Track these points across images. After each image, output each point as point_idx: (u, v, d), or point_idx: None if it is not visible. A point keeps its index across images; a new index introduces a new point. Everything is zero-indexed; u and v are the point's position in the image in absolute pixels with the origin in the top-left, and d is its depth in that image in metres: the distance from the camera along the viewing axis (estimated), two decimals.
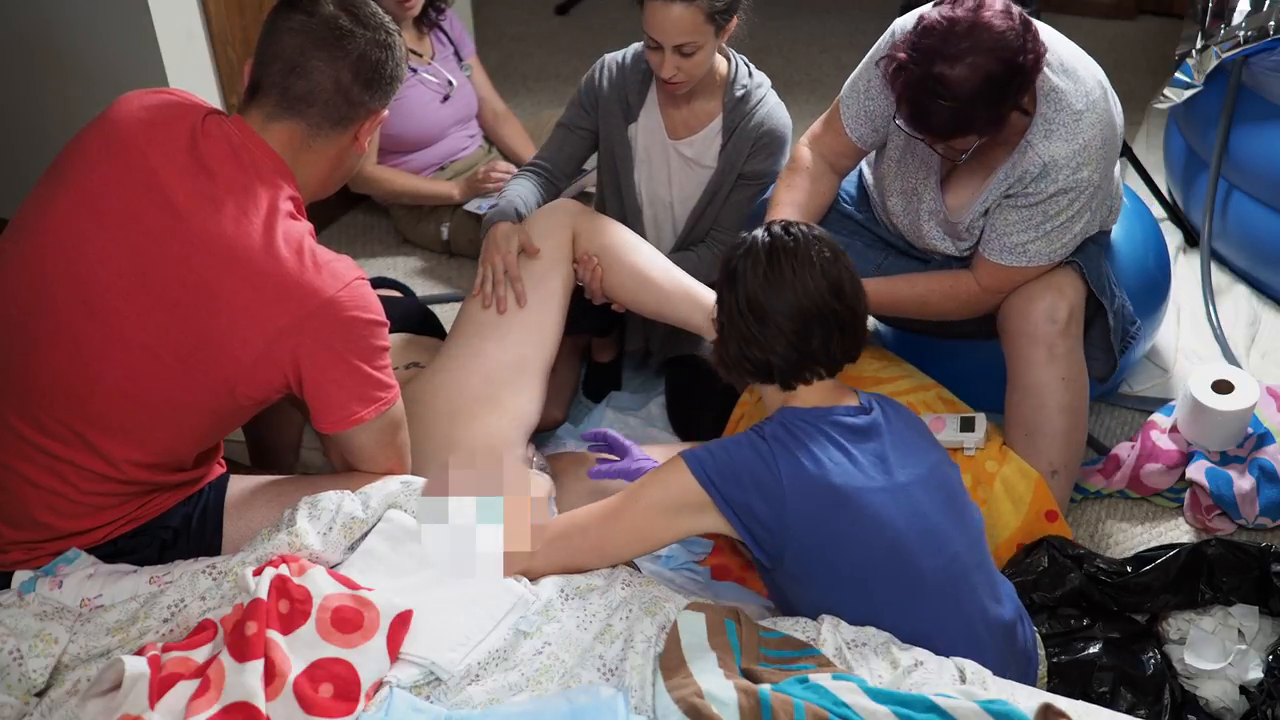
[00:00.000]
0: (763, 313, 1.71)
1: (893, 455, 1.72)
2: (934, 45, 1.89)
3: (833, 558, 1.68)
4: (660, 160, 2.57)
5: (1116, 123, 2.08)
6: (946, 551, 1.72)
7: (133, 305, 1.69)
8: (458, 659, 1.58)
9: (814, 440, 1.68)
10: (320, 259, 1.71)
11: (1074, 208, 2.05)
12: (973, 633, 1.74)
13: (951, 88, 1.87)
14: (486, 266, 2.28)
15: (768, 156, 2.50)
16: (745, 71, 2.50)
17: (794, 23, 4.52)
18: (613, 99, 2.52)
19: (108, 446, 1.74)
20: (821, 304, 1.71)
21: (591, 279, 2.30)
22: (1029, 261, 2.09)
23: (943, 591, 1.72)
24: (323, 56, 1.73)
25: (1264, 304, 2.96)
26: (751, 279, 1.72)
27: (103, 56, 2.81)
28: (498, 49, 4.34)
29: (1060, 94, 2.00)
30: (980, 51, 1.86)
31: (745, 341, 1.73)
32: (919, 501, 1.71)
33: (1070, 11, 4.38)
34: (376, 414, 1.80)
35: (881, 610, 1.71)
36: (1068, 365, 2.14)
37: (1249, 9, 2.88)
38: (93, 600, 1.68)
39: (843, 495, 1.66)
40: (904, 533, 1.68)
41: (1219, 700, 1.94)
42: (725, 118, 2.49)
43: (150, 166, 1.72)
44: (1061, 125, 2.00)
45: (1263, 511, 2.31)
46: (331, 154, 1.81)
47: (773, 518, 1.66)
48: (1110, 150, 2.07)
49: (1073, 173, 2.02)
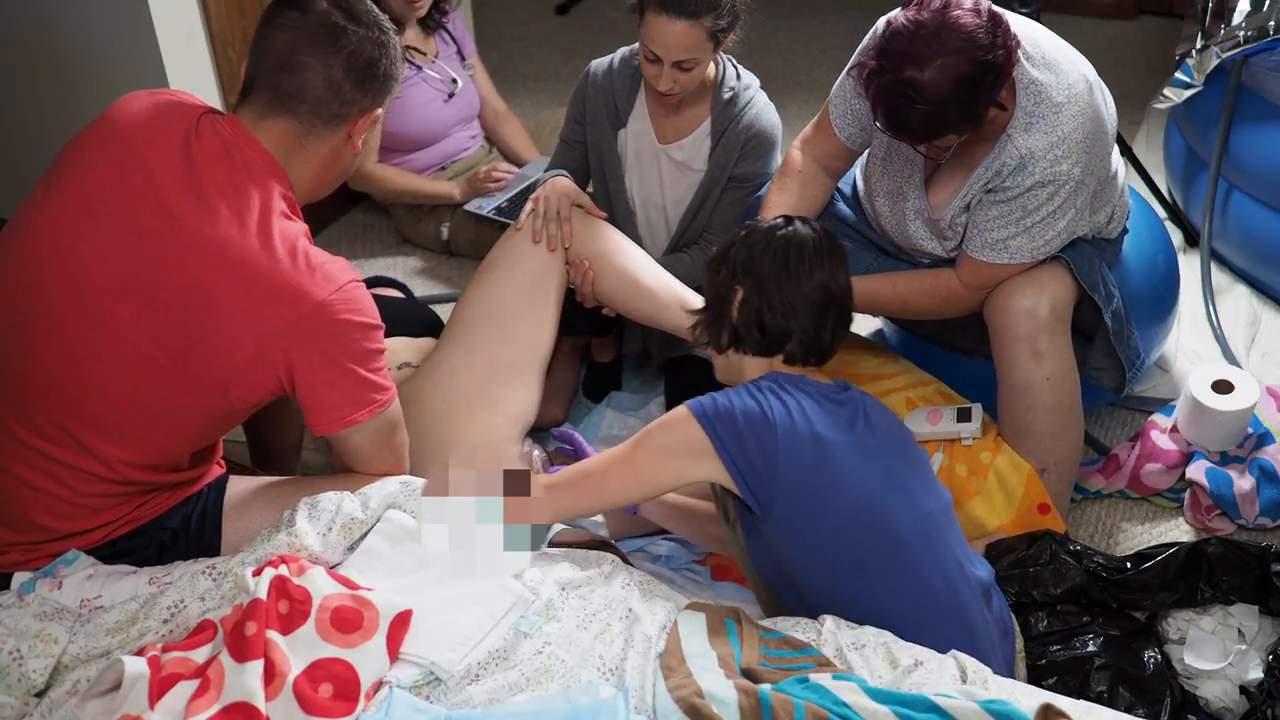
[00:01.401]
0: (796, 285, 1.78)
1: (867, 425, 1.78)
2: (902, 49, 1.89)
3: (817, 508, 1.72)
4: (651, 164, 2.56)
5: (1104, 117, 2.05)
6: (919, 509, 1.77)
7: (127, 306, 1.69)
8: (457, 659, 1.58)
9: (801, 396, 1.75)
10: (314, 261, 1.71)
11: (1055, 202, 2.03)
12: (953, 586, 1.78)
13: (923, 92, 1.87)
14: (539, 203, 2.30)
15: (758, 158, 2.48)
16: (733, 73, 2.49)
17: (794, 23, 4.52)
18: (600, 105, 2.51)
19: (102, 447, 1.74)
20: (842, 295, 1.83)
21: (583, 283, 2.29)
22: (1010, 258, 2.08)
23: (922, 546, 1.77)
24: (314, 53, 1.73)
25: (1264, 304, 2.96)
26: (795, 255, 1.79)
27: (103, 56, 2.81)
28: (498, 49, 4.34)
29: (1040, 86, 1.98)
30: (949, 53, 1.86)
31: (776, 305, 1.78)
32: (891, 462, 1.78)
33: (1070, 11, 4.38)
34: (371, 416, 1.79)
35: (864, 564, 1.74)
36: (1053, 364, 2.12)
37: (1249, 9, 2.88)
38: (92, 601, 1.68)
39: (825, 446, 1.71)
40: (881, 489, 1.74)
41: (1219, 700, 1.94)
42: (714, 121, 2.47)
43: (147, 167, 1.72)
44: (1041, 118, 1.99)
45: (1263, 511, 2.31)
46: (324, 153, 1.81)
47: (765, 464, 1.70)
48: (1095, 145, 2.03)
49: (1051, 165, 2.00)
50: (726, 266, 1.84)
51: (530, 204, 2.35)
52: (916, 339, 2.51)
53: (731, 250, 1.85)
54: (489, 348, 2.19)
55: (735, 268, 1.83)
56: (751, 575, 1.88)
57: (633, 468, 1.77)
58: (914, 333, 2.51)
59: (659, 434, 1.77)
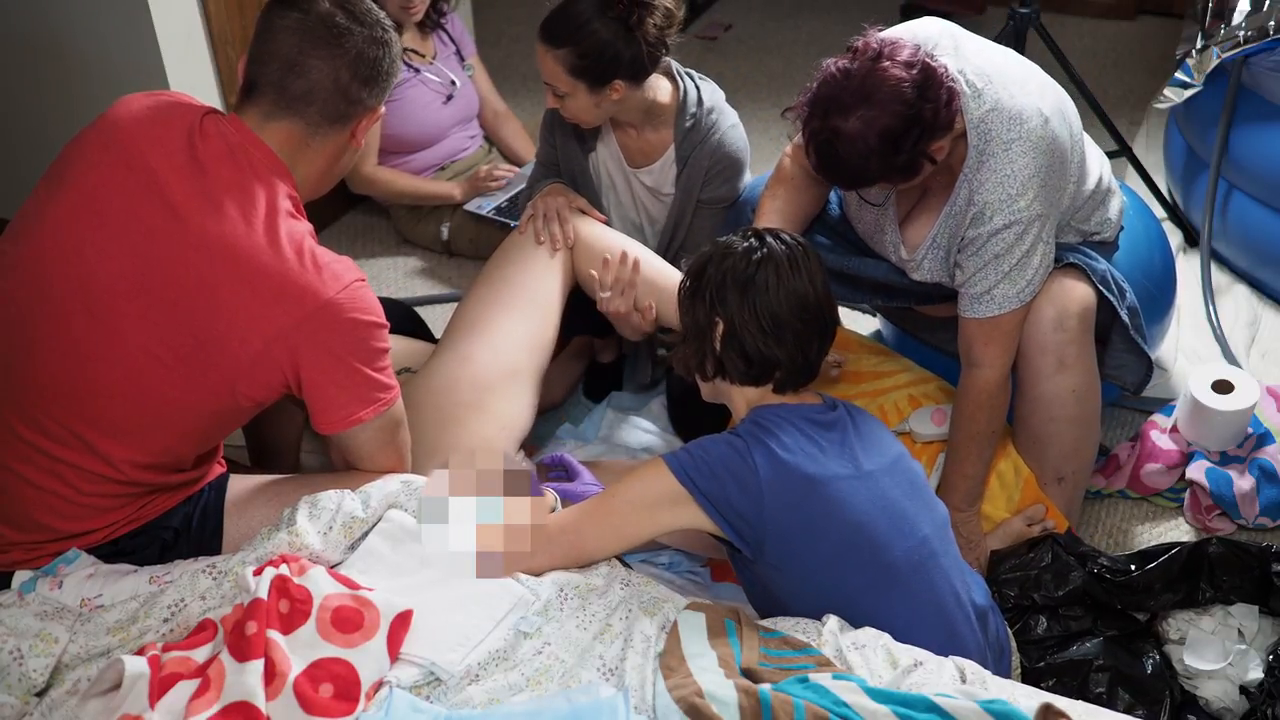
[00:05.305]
0: (777, 315, 1.75)
1: (858, 446, 1.76)
2: (829, 97, 1.90)
3: (809, 545, 1.70)
4: (624, 187, 2.55)
5: (1062, 147, 2.01)
6: (915, 535, 1.75)
7: (132, 306, 1.69)
8: (458, 659, 1.58)
9: (784, 431, 1.72)
10: (320, 260, 1.71)
11: (1025, 242, 2.00)
12: (947, 614, 1.76)
13: (845, 142, 1.88)
14: (538, 205, 2.31)
15: (724, 182, 2.45)
16: (694, 97, 2.42)
17: (794, 23, 4.52)
18: (568, 129, 2.48)
19: (107, 447, 1.74)
20: (823, 304, 1.79)
21: (644, 322, 2.28)
22: (1000, 309, 2.04)
23: (915, 574, 1.75)
24: (320, 55, 1.73)
25: (1264, 304, 2.96)
26: (774, 282, 1.75)
27: (103, 56, 2.81)
28: (498, 49, 4.34)
29: (987, 125, 1.97)
30: (874, 105, 1.86)
31: (758, 337, 1.75)
32: (886, 488, 1.75)
33: (1070, 11, 4.37)
34: (376, 414, 1.80)
35: (857, 595, 1.73)
36: (1079, 376, 2.09)
37: (1249, 9, 2.89)
38: (93, 600, 1.68)
39: (814, 484, 1.69)
40: (874, 519, 1.72)
41: (1219, 700, 1.94)
42: (678, 148, 2.44)
43: (149, 167, 1.72)
44: (991, 155, 1.97)
45: (1263, 511, 2.31)
46: (329, 152, 1.81)
47: (751, 510, 1.68)
48: (1052, 177, 2.00)
49: (1008, 204, 1.98)
50: (701, 297, 1.79)
51: (529, 209, 2.35)
52: (917, 342, 2.51)
53: (705, 276, 1.79)
54: (486, 355, 2.18)
55: (712, 298, 1.78)
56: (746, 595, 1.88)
57: (609, 522, 1.74)
58: (913, 335, 2.51)
59: (634, 487, 1.74)
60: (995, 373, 2.09)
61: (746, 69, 4.25)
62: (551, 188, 2.40)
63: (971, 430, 2.11)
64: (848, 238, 2.32)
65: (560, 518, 1.78)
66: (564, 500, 1.94)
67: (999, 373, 2.09)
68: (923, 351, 2.48)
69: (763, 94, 4.06)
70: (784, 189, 2.26)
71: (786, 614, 1.76)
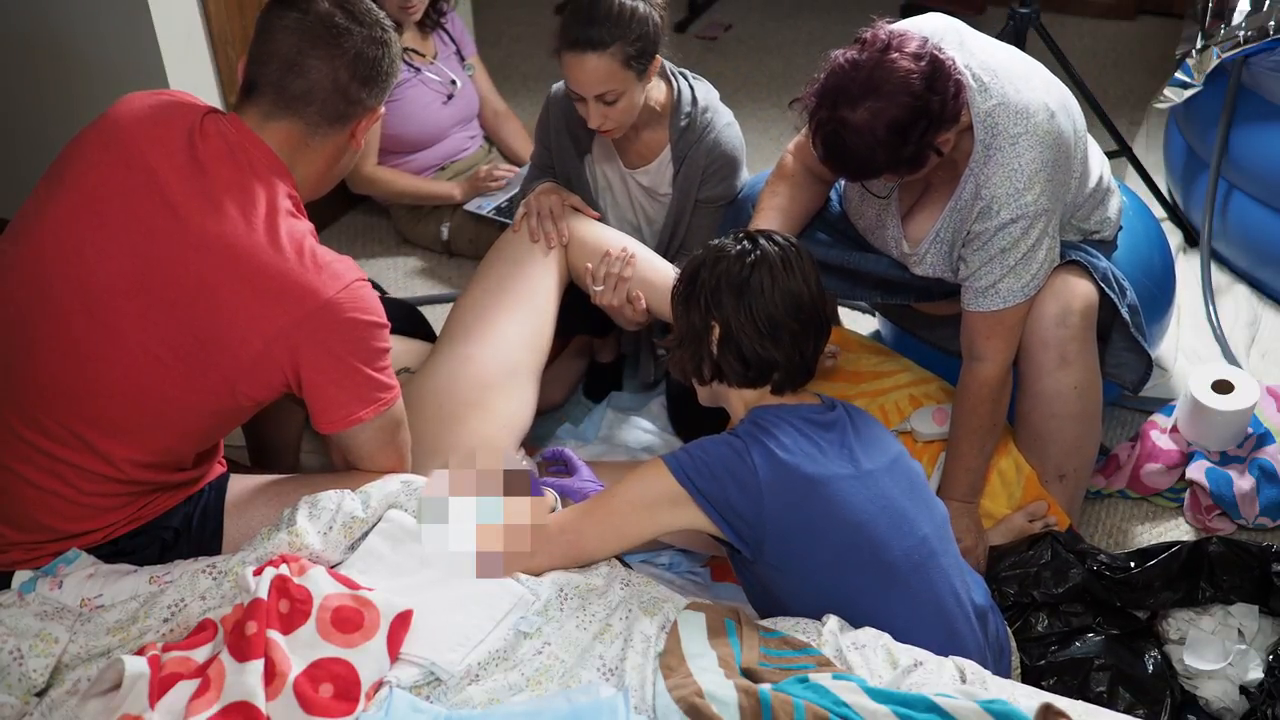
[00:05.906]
0: (773, 316, 1.75)
1: (857, 446, 1.76)
2: (837, 88, 1.90)
3: (808, 546, 1.70)
4: (621, 189, 2.54)
5: (1066, 142, 2.02)
6: (915, 534, 1.75)
7: (132, 305, 1.69)
8: (458, 659, 1.58)
9: (783, 431, 1.72)
10: (321, 259, 1.71)
11: (1031, 236, 2.01)
12: (946, 614, 1.76)
13: (853, 133, 1.88)
14: (531, 203, 2.31)
15: (721, 180, 2.45)
16: (689, 96, 2.42)
17: (794, 23, 4.52)
18: (563, 132, 2.48)
19: (108, 447, 1.74)
20: (818, 303, 1.79)
21: (635, 313, 2.28)
22: (1004, 303, 2.05)
23: (915, 574, 1.75)
24: (320, 55, 1.73)
25: (1264, 304, 2.96)
26: (769, 284, 1.75)
27: (103, 56, 2.81)
28: (498, 49, 4.34)
29: (995, 119, 1.97)
30: (882, 96, 1.86)
31: (755, 339, 1.75)
32: (885, 487, 1.75)
33: (1070, 11, 4.37)
34: (376, 414, 1.80)
35: (857, 595, 1.73)
36: (1081, 372, 2.09)
37: (1249, 9, 2.89)
38: (93, 600, 1.68)
39: (814, 484, 1.69)
40: (873, 518, 1.72)
41: (1219, 700, 1.94)
42: (674, 148, 2.43)
43: (150, 167, 1.72)
44: (998, 150, 1.98)
45: (1263, 511, 2.31)
46: (329, 152, 1.82)
47: (751, 510, 1.68)
48: (1058, 172, 2.01)
49: (1015, 199, 1.98)
50: (696, 301, 1.79)
51: (522, 207, 2.35)
52: (916, 340, 2.51)
53: (699, 280, 1.79)
54: (484, 354, 2.18)
55: (707, 302, 1.78)
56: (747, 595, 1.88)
57: (609, 522, 1.74)
58: (912, 333, 2.51)
59: (633, 487, 1.74)
60: (997, 367, 2.09)
61: (746, 69, 4.25)
62: (545, 186, 2.40)
63: (973, 424, 2.12)
64: (848, 234, 2.31)
65: (560, 518, 1.78)
66: (563, 495, 1.94)
67: (1001, 367, 2.10)
68: (922, 350, 2.48)
69: (763, 94, 4.06)
70: (785, 186, 2.26)
71: (786, 614, 1.76)
